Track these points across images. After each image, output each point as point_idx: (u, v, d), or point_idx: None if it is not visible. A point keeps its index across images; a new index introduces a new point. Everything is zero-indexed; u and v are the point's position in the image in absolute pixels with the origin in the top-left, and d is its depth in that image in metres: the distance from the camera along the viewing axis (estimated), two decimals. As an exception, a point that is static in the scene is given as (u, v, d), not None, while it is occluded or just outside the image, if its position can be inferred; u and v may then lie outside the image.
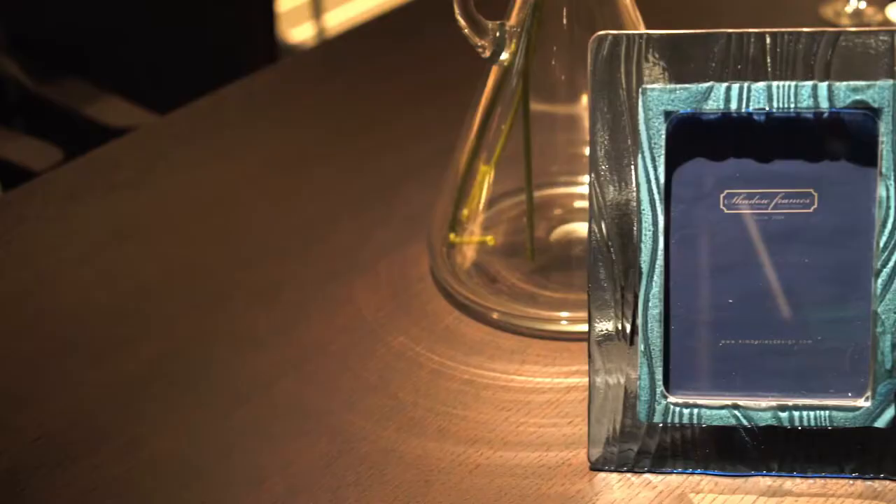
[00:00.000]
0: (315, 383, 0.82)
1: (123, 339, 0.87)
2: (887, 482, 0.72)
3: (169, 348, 0.86)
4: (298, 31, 2.70)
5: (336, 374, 0.83)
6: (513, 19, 0.83)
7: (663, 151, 0.70)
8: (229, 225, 1.00)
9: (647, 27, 0.85)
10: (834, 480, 0.73)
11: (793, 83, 0.69)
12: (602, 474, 0.74)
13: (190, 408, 0.81)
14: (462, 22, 0.81)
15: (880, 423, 0.71)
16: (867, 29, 0.69)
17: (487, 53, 0.83)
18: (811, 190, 0.71)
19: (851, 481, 0.73)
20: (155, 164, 1.09)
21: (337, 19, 2.72)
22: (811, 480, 0.73)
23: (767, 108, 0.70)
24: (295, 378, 0.83)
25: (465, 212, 0.90)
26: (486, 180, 0.89)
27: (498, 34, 0.83)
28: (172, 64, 1.69)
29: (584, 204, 0.91)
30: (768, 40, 0.69)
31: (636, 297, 0.72)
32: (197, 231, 0.99)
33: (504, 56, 0.83)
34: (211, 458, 0.77)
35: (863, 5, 1.22)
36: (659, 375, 0.72)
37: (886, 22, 1.19)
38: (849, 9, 1.22)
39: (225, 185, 1.05)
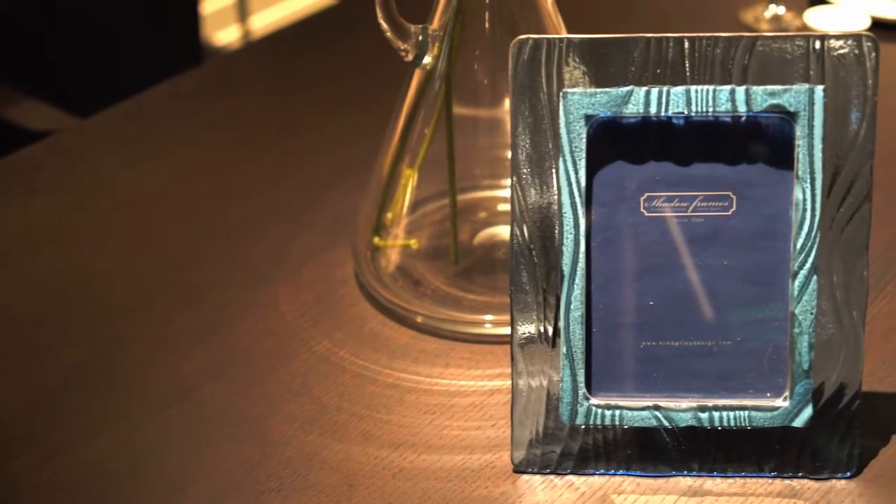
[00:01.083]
0: (238, 388, 0.82)
1: (44, 345, 0.86)
2: (805, 481, 0.73)
3: (90, 354, 0.85)
4: (224, 34, 2.69)
5: (260, 379, 0.83)
6: (435, 23, 0.84)
7: (584, 155, 0.71)
8: (152, 229, 0.99)
9: (569, 31, 0.85)
10: (753, 480, 0.74)
11: (711, 87, 0.70)
12: (525, 476, 0.74)
13: (112, 414, 0.80)
14: (384, 25, 0.81)
15: (798, 422, 0.73)
16: (784, 34, 0.70)
17: (410, 57, 0.83)
18: (730, 193, 0.72)
19: (770, 480, 0.74)
20: (76, 167, 1.08)
21: (263, 22, 2.71)
22: (731, 480, 0.74)
23: (686, 112, 0.70)
24: (218, 383, 0.82)
25: (389, 215, 0.90)
26: (409, 184, 0.89)
27: (420, 38, 0.83)
28: (95, 66, 1.67)
29: (508, 207, 0.91)
30: (687, 45, 0.70)
31: (558, 299, 0.72)
32: (119, 235, 0.99)
33: (427, 60, 0.84)
34: (133, 465, 0.76)
35: (781, 10, 1.24)
36: (581, 377, 0.73)
37: (804, 27, 1.21)
38: (768, 14, 1.24)
39: (148, 188, 1.04)
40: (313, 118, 1.13)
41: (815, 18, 1.21)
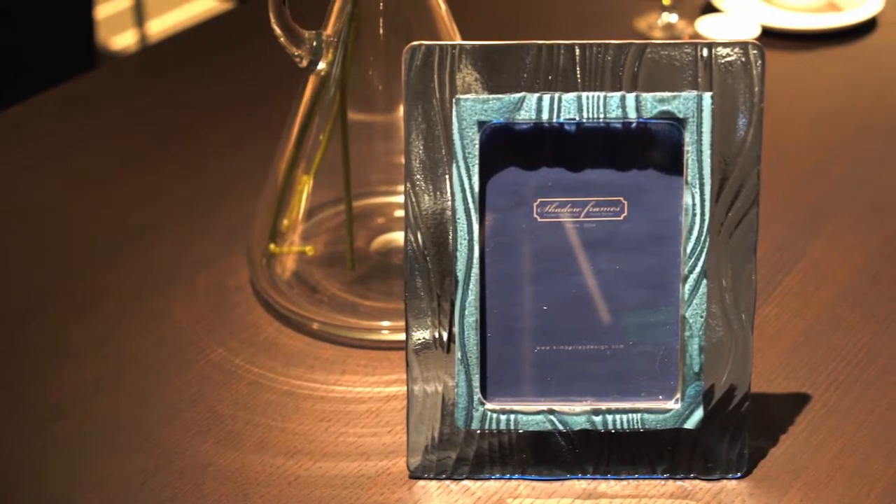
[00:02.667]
0: (131, 397, 0.81)
1: (-70, 355, 0.85)
2: (697, 482, 0.75)
3: (-22, 364, 0.84)
4: (121, 39, 2.65)
5: (153, 388, 0.82)
6: (329, 29, 0.83)
7: (477, 161, 0.71)
8: (44, 235, 0.97)
9: (464, 37, 0.85)
10: (647, 481, 0.75)
11: (602, 94, 0.71)
12: (421, 482, 0.74)
13: (1, 424, 0.79)
14: (278, 31, 0.81)
15: (690, 424, 0.74)
16: (672, 41, 0.71)
17: (305, 63, 0.83)
18: (621, 198, 0.73)
19: (663, 481, 0.75)
20: (-35, 174, 1.06)
21: (161, 26, 2.68)
22: (625, 482, 0.74)
23: (578, 119, 0.71)
24: (111, 392, 0.81)
25: (285, 222, 0.90)
26: (305, 190, 0.89)
27: (315, 43, 0.83)
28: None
29: (404, 213, 0.91)
30: (578, 51, 0.70)
31: (452, 305, 0.72)
32: (9, 241, 0.97)
33: (321, 65, 0.83)
34: (24, 477, 0.75)
35: (674, 19, 1.25)
36: (476, 383, 0.73)
37: (697, 35, 1.23)
38: (661, 22, 1.25)
39: (40, 194, 1.03)
40: (209, 123, 1.12)
41: (707, 27, 1.23)
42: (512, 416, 0.73)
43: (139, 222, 0.99)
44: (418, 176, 0.71)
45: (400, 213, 0.93)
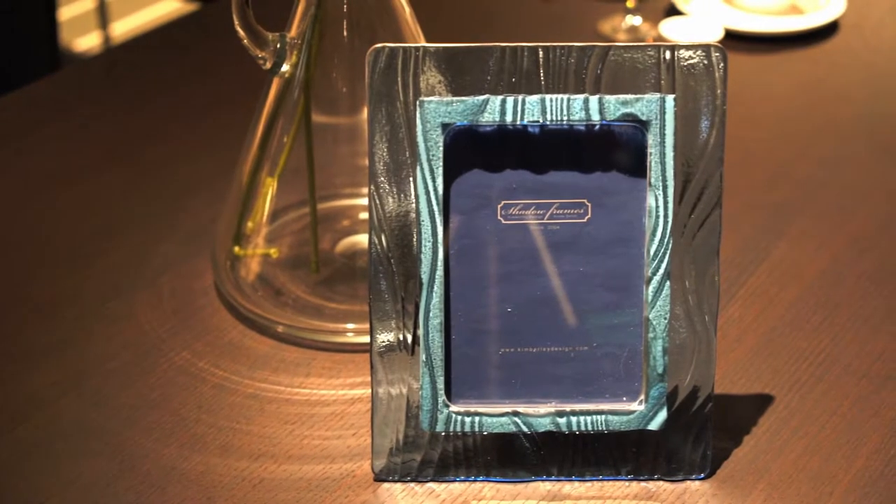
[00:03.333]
0: (95, 401, 0.80)
1: None
2: (661, 483, 0.75)
3: (-61, 369, 0.83)
4: (85, 41, 2.64)
5: (117, 392, 0.81)
6: (293, 31, 0.83)
7: (441, 163, 0.71)
8: (8, 238, 0.97)
9: (429, 40, 0.85)
10: (611, 482, 0.75)
11: (565, 96, 0.71)
12: (386, 485, 0.74)
13: (-39, 430, 0.78)
14: (241, 33, 0.80)
15: (653, 425, 0.74)
16: (635, 44, 0.71)
17: (269, 65, 0.83)
18: (585, 200, 0.73)
19: (627, 483, 0.75)
20: (-75, 177, 1.05)
21: (125, 28, 2.67)
22: (589, 483, 0.75)
23: (541, 121, 0.71)
24: (75, 396, 0.81)
25: (250, 224, 0.89)
26: (269, 192, 0.88)
27: (279, 45, 0.82)
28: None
29: (369, 215, 0.91)
30: (541, 54, 0.71)
31: (417, 307, 0.72)
32: (-30, 246, 0.96)
33: (285, 68, 0.83)
34: (-16, 482, 0.74)
35: (638, 21, 1.26)
36: (441, 385, 0.73)
37: (660, 38, 1.23)
38: (625, 24, 1.26)
39: (3, 197, 1.02)
40: (174, 125, 1.12)
41: (670, 29, 1.23)
42: (476, 419, 0.73)
43: (104, 224, 0.98)
44: (382, 178, 0.71)
45: (365, 215, 0.93)
